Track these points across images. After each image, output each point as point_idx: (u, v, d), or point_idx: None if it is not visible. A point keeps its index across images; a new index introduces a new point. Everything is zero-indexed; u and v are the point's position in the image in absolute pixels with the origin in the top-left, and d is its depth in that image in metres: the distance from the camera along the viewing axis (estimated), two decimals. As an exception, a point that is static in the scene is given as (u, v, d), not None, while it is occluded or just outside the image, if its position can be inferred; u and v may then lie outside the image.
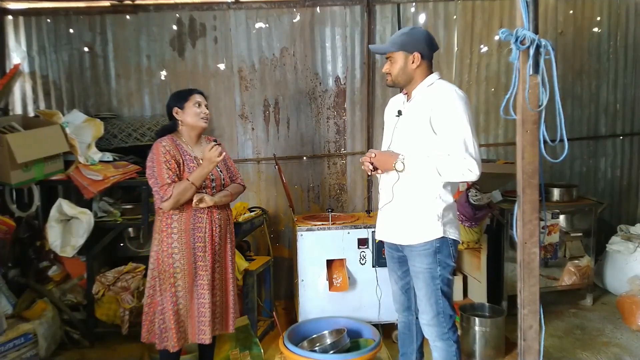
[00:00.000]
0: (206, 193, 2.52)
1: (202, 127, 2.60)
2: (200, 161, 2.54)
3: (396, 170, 2.26)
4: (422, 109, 2.26)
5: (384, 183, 2.42)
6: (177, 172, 2.47)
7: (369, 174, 2.38)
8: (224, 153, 2.60)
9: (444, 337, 2.32)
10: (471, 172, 2.16)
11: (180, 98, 2.60)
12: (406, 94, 2.40)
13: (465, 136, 2.16)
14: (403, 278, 2.48)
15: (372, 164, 2.32)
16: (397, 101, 2.49)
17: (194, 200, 2.45)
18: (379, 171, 2.34)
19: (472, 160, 2.15)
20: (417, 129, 2.26)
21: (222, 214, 2.61)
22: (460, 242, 2.42)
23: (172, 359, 2.58)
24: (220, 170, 2.65)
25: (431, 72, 2.34)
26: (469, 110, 2.20)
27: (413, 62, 2.28)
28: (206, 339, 2.52)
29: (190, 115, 2.57)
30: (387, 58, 2.36)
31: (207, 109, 2.63)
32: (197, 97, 2.60)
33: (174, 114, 2.59)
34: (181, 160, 2.50)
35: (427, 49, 2.31)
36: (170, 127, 2.63)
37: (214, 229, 2.54)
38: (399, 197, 2.34)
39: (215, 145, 2.47)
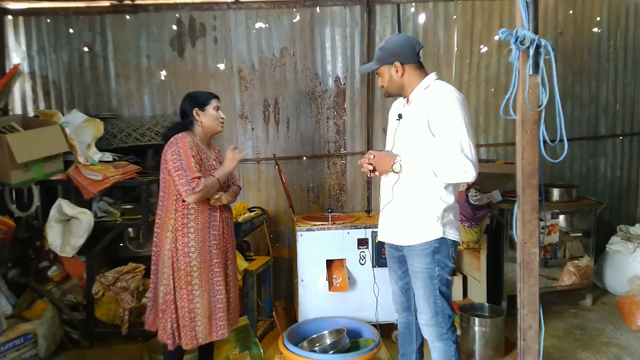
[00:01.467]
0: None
1: (218, 131, 2.67)
2: (213, 161, 2.63)
3: (394, 172, 2.27)
4: (420, 112, 2.27)
5: (385, 183, 2.43)
6: (200, 168, 2.51)
7: (368, 175, 2.39)
8: (221, 157, 2.70)
9: (442, 338, 2.32)
10: (467, 173, 2.16)
11: (202, 100, 2.63)
12: (405, 97, 2.42)
13: (462, 137, 2.16)
14: (403, 278, 2.49)
15: (371, 164, 2.32)
16: (398, 104, 2.50)
17: (215, 197, 2.53)
18: (377, 173, 2.35)
19: (468, 162, 2.15)
20: (416, 131, 2.27)
21: (228, 213, 2.72)
22: (461, 243, 2.43)
23: (175, 359, 2.60)
24: None
25: (424, 74, 2.35)
26: (466, 112, 2.20)
27: (397, 72, 2.31)
28: (225, 334, 2.57)
29: (210, 118, 2.61)
30: (377, 74, 2.41)
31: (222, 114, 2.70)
32: (216, 102, 2.65)
33: (194, 114, 2.60)
34: (200, 157, 2.54)
35: (407, 54, 2.30)
36: (184, 126, 2.63)
37: (224, 227, 2.64)
38: (399, 197, 2.35)
39: (237, 147, 2.63)
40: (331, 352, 2.91)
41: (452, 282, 2.42)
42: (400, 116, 2.39)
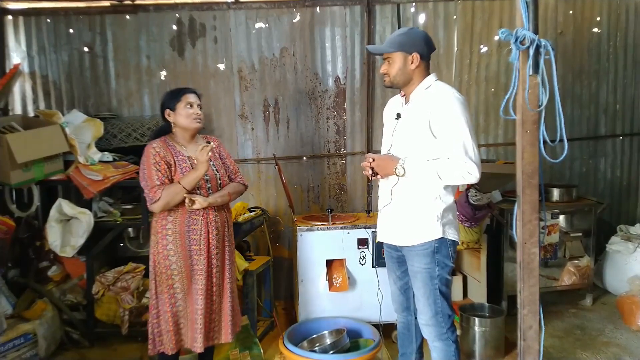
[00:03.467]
0: (201, 194, 2.46)
1: (195, 129, 2.54)
2: (195, 161, 2.47)
3: (397, 175, 2.26)
4: (421, 113, 2.25)
5: (383, 185, 2.42)
6: (168, 174, 2.43)
7: (370, 179, 2.38)
8: (219, 151, 2.55)
9: (442, 337, 2.32)
10: (471, 174, 2.16)
11: (172, 99, 2.52)
12: (404, 95, 2.39)
13: (465, 139, 2.16)
14: (402, 278, 2.48)
15: (372, 168, 2.31)
16: (395, 103, 2.48)
17: (186, 202, 2.38)
18: (379, 176, 2.34)
19: (472, 164, 2.15)
20: (416, 132, 2.26)
21: (220, 215, 2.53)
22: (459, 242, 2.42)
23: None
24: (217, 170, 2.58)
25: (428, 74, 2.33)
26: (467, 113, 2.20)
27: (412, 63, 2.27)
28: (198, 348, 2.44)
29: (182, 116, 2.50)
30: (384, 59, 2.34)
31: (200, 108, 2.55)
32: (189, 97, 2.52)
33: (166, 116, 2.54)
34: (173, 161, 2.46)
35: (426, 50, 2.29)
36: (165, 129, 2.59)
37: (210, 231, 2.47)
38: (398, 199, 2.35)
39: (205, 146, 2.41)
40: (331, 352, 2.91)
41: (452, 281, 2.43)
42: (399, 115, 2.37)
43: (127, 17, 4.13)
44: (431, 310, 2.31)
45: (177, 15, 4.15)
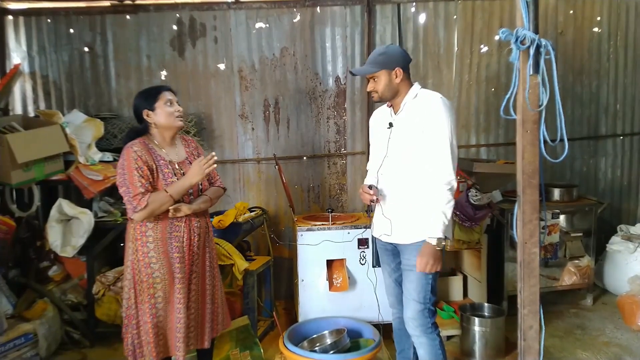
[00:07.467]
0: (182, 200, 2.36)
1: (178, 127, 2.42)
2: (176, 165, 2.39)
3: (442, 244, 2.27)
4: (413, 119, 2.36)
5: (383, 186, 2.46)
6: (150, 179, 2.29)
7: (370, 203, 2.44)
8: (198, 154, 2.49)
9: (427, 332, 2.38)
10: (450, 176, 2.26)
11: (150, 98, 2.38)
12: (391, 106, 2.49)
13: (452, 140, 2.28)
14: (397, 270, 2.53)
15: (374, 196, 2.38)
16: (383, 113, 2.57)
17: (170, 211, 2.29)
18: (379, 200, 2.41)
19: (448, 171, 2.25)
20: (411, 138, 2.36)
21: (201, 221, 2.45)
22: (451, 239, 2.48)
23: None
24: None
25: (411, 84, 2.44)
26: (453, 115, 2.33)
27: (397, 77, 2.39)
28: (180, 356, 2.35)
29: (164, 115, 2.36)
30: (369, 77, 2.45)
31: (179, 105, 2.43)
32: (168, 95, 2.39)
33: (145, 117, 2.38)
34: (154, 166, 2.32)
35: (405, 63, 2.43)
36: (141, 130, 2.42)
37: (192, 238, 2.39)
38: (399, 199, 2.41)
39: (212, 157, 2.32)
40: (331, 352, 2.90)
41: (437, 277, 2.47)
42: (391, 125, 2.46)
43: (128, 17, 4.13)
44: (420, 304, 2.36)
45: (177, 15, 4.16)
